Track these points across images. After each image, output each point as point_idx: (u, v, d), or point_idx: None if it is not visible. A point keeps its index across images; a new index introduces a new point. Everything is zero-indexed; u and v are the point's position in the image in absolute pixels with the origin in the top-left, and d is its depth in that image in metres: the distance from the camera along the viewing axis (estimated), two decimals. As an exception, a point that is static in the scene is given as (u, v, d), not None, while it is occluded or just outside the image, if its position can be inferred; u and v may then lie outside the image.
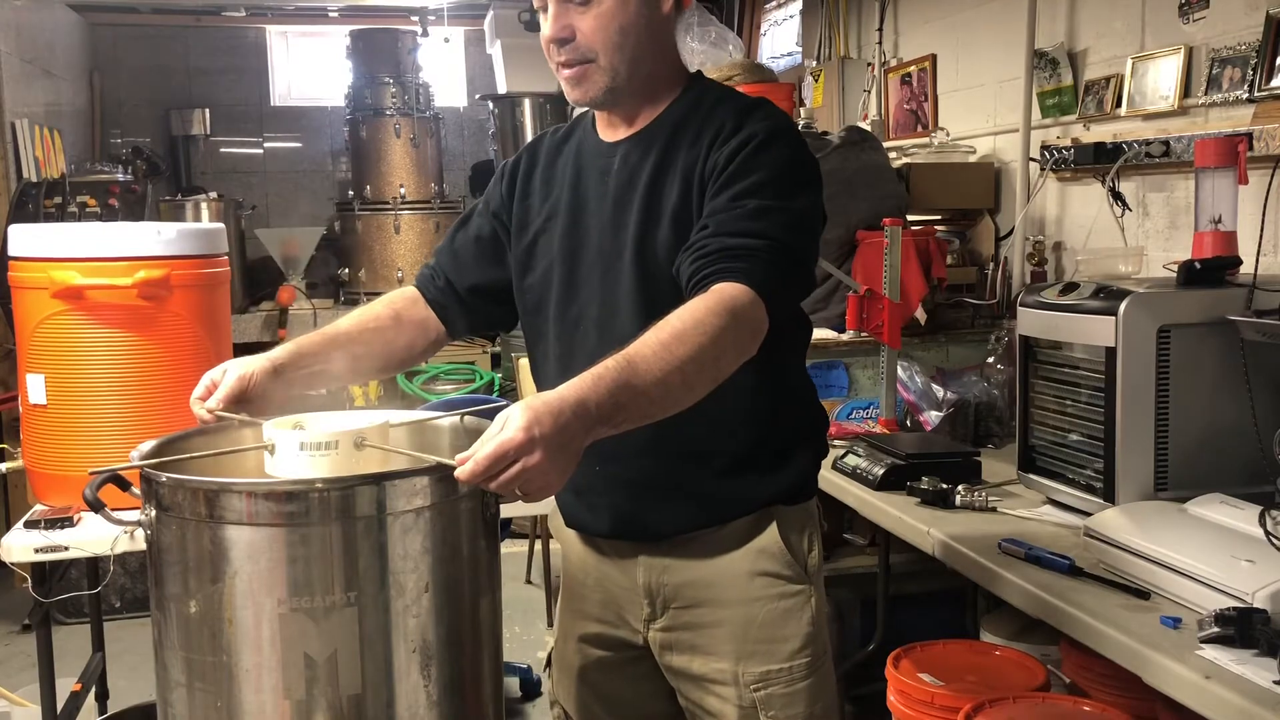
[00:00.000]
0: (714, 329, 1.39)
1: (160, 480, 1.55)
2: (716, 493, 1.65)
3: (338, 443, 1.63)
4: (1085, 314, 2.07)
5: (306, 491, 1.52)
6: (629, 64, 1.58)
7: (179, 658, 1.56)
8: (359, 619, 1.52)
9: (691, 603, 1.68)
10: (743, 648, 1.66)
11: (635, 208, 1.61)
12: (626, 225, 1.62)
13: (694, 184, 1.57)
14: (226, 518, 1.50)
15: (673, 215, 1.58)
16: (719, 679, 1.67)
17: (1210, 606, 1.58)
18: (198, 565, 1.53)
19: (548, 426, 1.29)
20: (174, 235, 2.61)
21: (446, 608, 1.62)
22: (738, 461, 1.65)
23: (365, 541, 1.53)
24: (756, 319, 1.46)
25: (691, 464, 1.64)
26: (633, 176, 1.63)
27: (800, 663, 1.67)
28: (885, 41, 4.32)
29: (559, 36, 1.57)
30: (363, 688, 1.53)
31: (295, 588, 1.50)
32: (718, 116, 1.60)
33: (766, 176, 1.52)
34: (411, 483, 1.57)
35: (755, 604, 1.66)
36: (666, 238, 1.58)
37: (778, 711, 1.66)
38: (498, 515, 1.76)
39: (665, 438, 1.52)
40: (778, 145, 1.55)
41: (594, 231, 1.65)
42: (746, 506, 1.66)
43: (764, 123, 1.57)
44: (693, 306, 1.41)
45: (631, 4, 1.56)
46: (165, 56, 6.84)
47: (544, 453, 1.29)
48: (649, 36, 1.59)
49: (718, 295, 1.43)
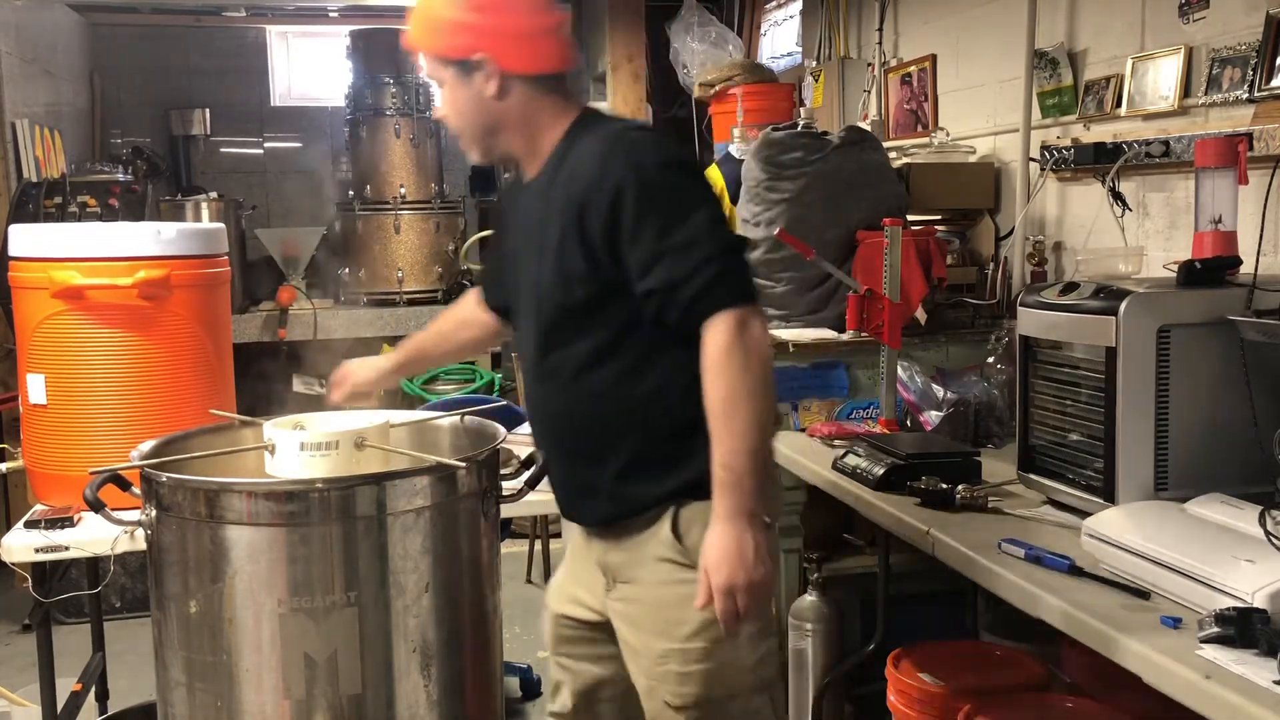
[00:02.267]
0: (735, 372, 1.71)
1: (160, 480, 1.55)
2: (616, 492, 1.88)
3: (338, 443, 1.64)
4: (1085, 314, 2.07)
5: (306, 491, 1.52)
6: (472, 139, 1.93)
7: (179, 657, 1.56)
8: (359, 619, 1.52)
9: (626, 579, 1.92)
10: (652, 625, 1.88)
11: (532, 246, 1.90)
12: (530, 263, 1.92)
13: (570, 233, 1.81)
14: (226, 518, 1.50)
15: (555, 255, 1.84)
16: (638, 649, 1.91)
17: (1210, 606, 1.58)
18: (198, 565, 1.53)
19: (729, 560, 1.71)
20: (174, 235, 2.61)
21: (446, 608, 1.62)
22: (630, 465, 1.86)
23: (365, 541, 1.53)
24: (750, 325, 1.73)
25: (592, 469, 1.88)
26: (531, 216, 1.92)
27: (695, 646, 1.84)
28: (885, 41, 4.32)
29: (437, 117, 1.95)
30: (363, 688, 1.54)
31: (295, 588, 1.50)
32: (588, 166, 1.81)
33: (666, 214, 1.75)
34: (411, 483, 1.57)
35: (662, 586, 1.86)
36: (550, 279, 1.85)
37: (672, 688, 1.86)
38: (498, 515, 1.76)
39: (567, 448, 1.87)
40: (650, 178, 1.77)
41: (520, 263, 1.97)
42: (647, 502, 1.86)
43: (626, 166, 1.78)
44: (712, 369, 1.72)
45: (459, 91, 1.89)
46: (165, 56, 6.83)
47: (740, 571, 1.70)
48: (481, 117, 1.90)
49: (713, 342, 1.72)
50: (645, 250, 1.75)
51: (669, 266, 1.73)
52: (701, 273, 1.72)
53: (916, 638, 2.56)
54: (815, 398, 3.04)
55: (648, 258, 1.74)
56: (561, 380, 1.88)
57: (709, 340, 1.73)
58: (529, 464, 1.83)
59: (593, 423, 1.85)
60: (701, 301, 1.72)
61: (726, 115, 4.43)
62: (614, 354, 1.84)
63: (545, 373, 1.90)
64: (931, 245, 3.12)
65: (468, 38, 1.87)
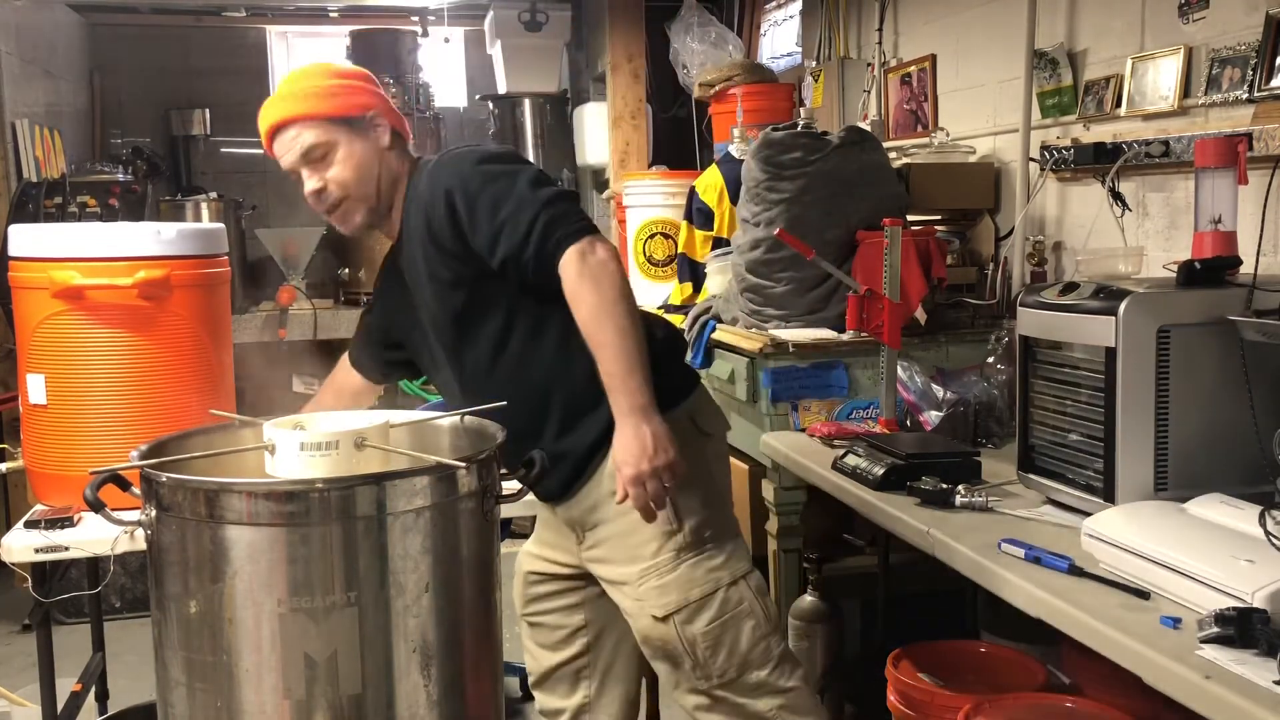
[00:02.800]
0: (592, 291, 1.92)
1: (160, 480, 1.55)
2: (563, 450, 2.07)
3: (338, 443, 1.64)
4: (1085, 314, 2.07)
5: (306, 491, 1.52)
6: (374, 191, 2.11)
7: (179, 657, 1.56)
8: (359, 619, 1.52)
9: (594, 525, 2.15)
10: (624, 553, 2.10)
11: (416, 287, 2.14)
12: (417, 301, 2.16)
13: (429, 250, 2.06)
14: (226, 518, 1.50)
15: (428, 279, 2.09)
16: (620, 579, 2.13)
17: (1210, 606, 1.58)
18: (198, 565, 1.53)
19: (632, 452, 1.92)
20: (174, 235, 2.61)
21: (446, 608, 1.62)
22: (561, 428, 2.09)
23: (365, 541, 1.53)
24: (593, 250, 1.94)
25: (538, 439, 2.07)
26: (406, 267, 2.16)
27: (664, 559, 2.08)
28: (885, 42, 4.32)
29: (316, 191, 2.08)
30: (363, 688, 1.54)
31: (295, 588, 1.50)
32: (424, 191, 2.07)
33: (491, 194, 1.98)
34: (411, 483, 1.57)
35: (621, 517, 2.07)
36: (433, 298, 2.10)
37: (655, 600, 2.07)
38: (498, 515, 1.76)
39: (513, 429, 1.94)
40: (468, 174, 2.02)
41: (412, 311, 2.20)
42: (591, 449, 2.08)
43: (448, 174, 2.04)
44: (573, 298, 1.94)
45: (356, 147, 2.08)
46: (165, 56, 6.83)
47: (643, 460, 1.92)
48: (378, 164, 2.11)
49: (566, 276, 1.94)
50: (486, 231, 1.97)
51: (509, 234, 1.96)
52: (535, 226, 1.94)
53: (916, 638, 2.56)
54: (815, 398, 3.05)
55: (490, 236, 1.97)
56: (482, 378, 2.10)
57: (564, 278, 1.94)
58: (529, 464, 1.83)
59: (520, 399, 2.03)
60: (545, 248, 1.94)
61: (726, 115, 4.43)
62: (510, 333, 2.07)
63: (467, 381, 2.12)
64: (931, 245, 3.12)
65: (360, 96, 2.11)
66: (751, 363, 3.11)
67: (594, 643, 2.35)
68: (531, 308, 2.05)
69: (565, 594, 2.34)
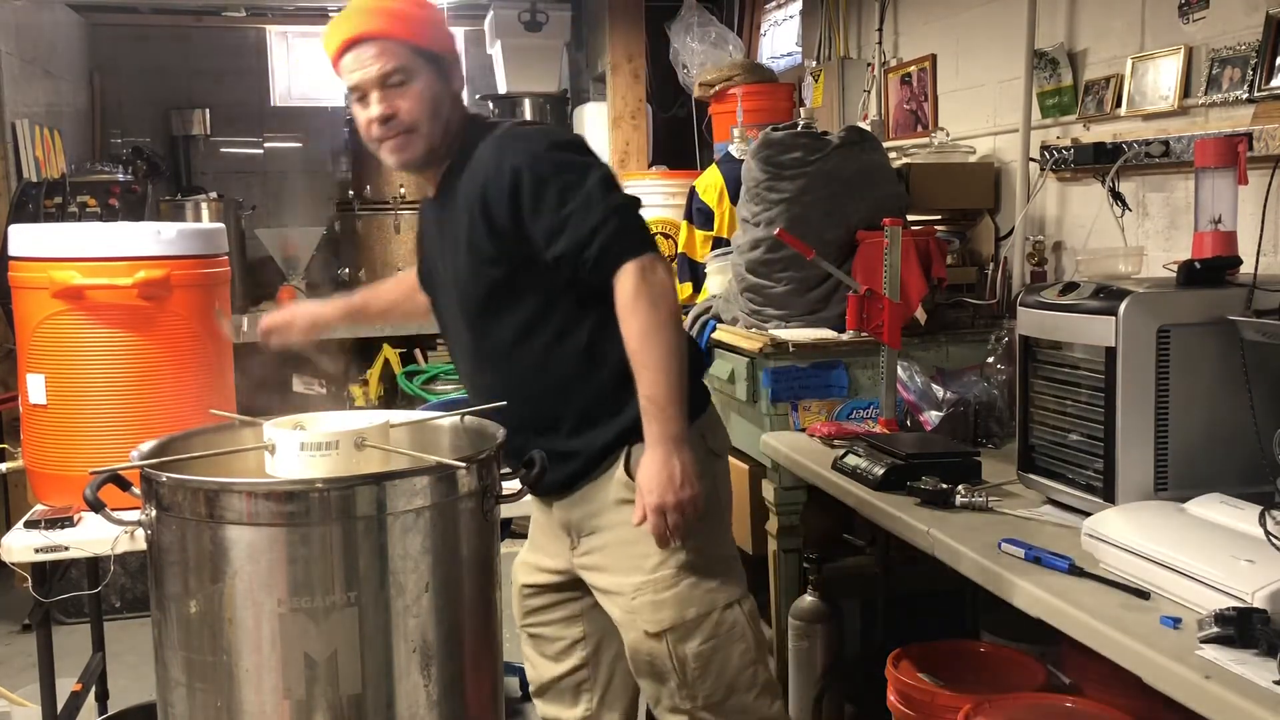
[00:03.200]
0: (645, 312, 1.89)
1: (160, 480, 1.55)
2: (570, 451, 2.03)
3: (338, 443, 1.64)
4: (1085, 314, 2.07)
5: (306, 491, 1.52)
6: (441, 128, 2.02)
7: (179, 658, 1.56)
8: (359, 619, 1.52)
9: (591, 530, 2.10)
10: (622, 563, 2.06)
11: (449, 248, 2.07)
12: (449, 263, 2.09)
13: (476, 221, 1.98)
14: (226, 518, 1.50)
15: (466, 249, 2.01)
16: (613, 590, 2.08)
17: (1210, 606, 1.58)
18: (198, 565, 1.53)
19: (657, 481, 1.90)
20: (174, 235, 2.61)
21: (446, 608, 1.62)
22: (577, 424, 2.03)
23: (365, 541, 1.53)
24: (655, 269, 1.91)
25: (548, 433, 2.02)
26: (443, 224, 2.09)
27: (663, 574, 2.03)
28: (885, 41, 4.32)
29: (385, 115, 1.98)
30: (363, 688, 1.54)
31: (295, 588, 1.50)
32: (485, 160, 1.99)
33: (560, 186, 1.92)
34: (411, 483, 1.57)
35: (623, 527, 2.02)
36: (467, 268, 2.03)
37: (649, 615, 2.03)
38: (498, 515, 1.76)
39: (522, 418, 1.97)
40: (542, 158, 1.95)
41: (440, 268, 2.15)
42: (595, 454, 2.04)
43: (520, 152, 1.96)
44: (624, 313, 1.90)
45: (436, 83, 2.00)
46: (165, 56, 6.83)
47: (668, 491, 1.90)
48: (450, 107, 2.03)
49: (622, 289, 1.90)
50: (548, 221, 1.91)
51: (572, 230, 1.90)
52: (602, 230, 1.89)
53: (916, 638, 2.56)
54: (815, 398, 3.05)
55: (551, 227, 1.91)
56: (498, 360, 2.04)
57: (619, 288, 1.90)
58: (529, 464, 1.83)
59: (536, 392, 2.01)
60: (607, 255, 1.90)
61: (726, 115, 4.43)
62: (541, 323, 2.00)
63: (482, 357, 2.07)
64: (931, 245, 3.12)
65: (447, 37, 2.05)
66: (751, 363, 3.11)
67: (593, 655, 2.30)
68: (569, 305, 2.01)
69: (562, 605, 2.29)
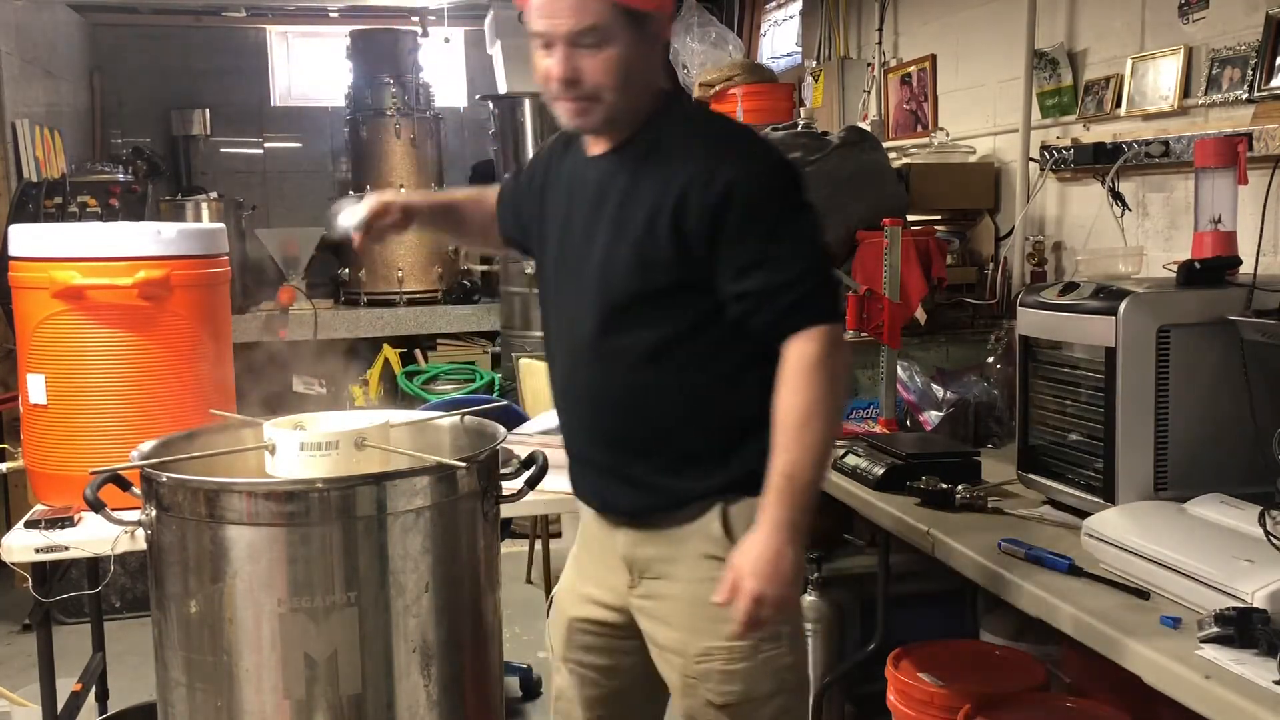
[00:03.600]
0: (820, 387, 1.67)
1: (160, 480, 1.55)
2: (662, 484, 1.81)
3: (338, 443, 1.64)
4: (1085, 314, 2.07)
5: (306, 491, 1.52)
6: (629, 98, 1.73)
7: (179, 658, 1.56)
8: (359, 619, 1.52)
9: (657, 575, 1.85)
10: (691, 623, 1.81)
11: (604, 226, 1.79)
12: (595, 238, 1.80)
13: (662, 218, 1.72)
14: (226, 518, 1.50)
15: (635, 240, 1.75)
16: (672, 648, 1.84)
17: (1210, 606, 1.58)
18: (198, 565, 1.53)
19: (768, 569, 1.66)
20: (174, 235, 2.61)
21: (446, 608, 1.62)
22: (680, 457, 1.81)
23: (365, 541, 1.53)
24: (838, 342, 1.71)
25: (639, 460, 1.81)
26: (604, 192, 1.80)
27: (741, 644, 1.78)
28: (885, 42, 4.32)
29: (566, 77, 1.70)
30: (363, 688, 1.54)
31: (295, 588, 1.50)
32: (691, 155, 1.73)
33: (774, 221, 1.71)
34: (411, 483, 1.57)
35: (703, 584, 1.77)
36: (627, 259, 1.76)
37: (714, 686, 1.80)
38: (498, 515, 1.76)
39: (615, 438, 1.81)
40: (763, 183, 1.74)
41: (574, 238, 1.85)
42: (691, 495, 1.80)
43: (739, 166, 1.72)
44: (795, 378, 1.68)
45: (635, 47, 1.70)
46: (165, 56, 6.84)
47: (776, 582, 1.66)
48: (644, 72, 1.75)
49: (803, 353, 1.68)
50: (747, 252, 1.70)
51: (770, 272, 1.69)
52: (802, 283, 1.69)
53: (916, 638, 2.56)
54: (815, 398, 3.04)
55: (749, 260, 1.70)
56: (623, 365, 1.79)
57: (798, 350, 1.68)
58: (529, 464, 1.83)
59: (651, 411, 1.79)
60: (799, 311, 1.69)
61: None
62: (683, 344, 1.77)
63: (602, 355, 1.80)
64: (931, 245, 3.12)
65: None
66: (751, 363, 3.10)
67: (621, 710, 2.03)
68: (722, 332, 1.76)
69: (614, 651, 1.97)
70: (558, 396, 1.92)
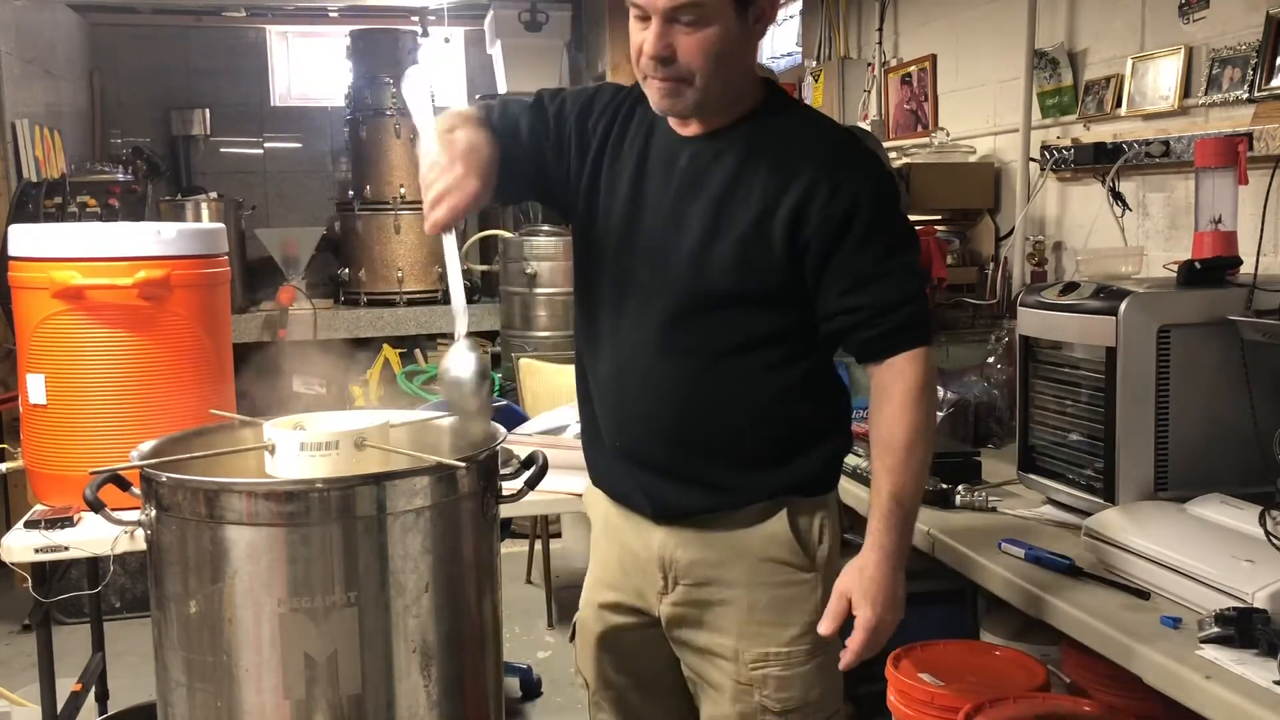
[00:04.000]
0: (925, 410, 1.64)
1: (160, 480, 1.55)
2: (727, 482, 1.72)
3: (338, 443, 1.63)
4: (1085, 314, 2.07)
5: (306, 491, 1.52)
6: (721, 84, 1.62)
7: (179, 658, 1.56)
8: (359, 619, 1.52)
9: (701, 580, 1.75)
10: (746, 627, 1.73)
11: (698, 214, 1.67)
12: (686, 228, 1.67)
13: (774, 220, 1.63)
14: (226, 518, 1.50)
15: (739, 237, 1.64)
16: (721, 653, 1.75)
17: (1210, 606, 1.58)
18: (198, 565, 1.53)
19: (882, 596, 1.62)
20: (174, 235, 2.60)
21: (446, 608, 1.62)
22: (749, 456, 1.72)
23: (365, 541, 1.53)
24: (935, 365, 1.68)
25: (703, 457, 1.72)
26: (698, 179, 1.68)
27: (799, 649, 1.73)
28: (885, 41, 4.32)
29: (659, 54, 1.59)
30: (363, 688, 1.53)
31: (295, 588, 1.50)
32: (810, 157, 1.64)
33: (892, 236, 1.65)
34: (411, 483, 1.57)
35: (761, 587, 1.73)
36: (726, 255, 1.65)
37: (772, 692, 1.74)
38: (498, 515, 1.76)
39: (681, 434, 1.70)
40: (886, 195, 1.67)
41: (650, 218, 1.71)
42: (757, 494, 1.73)
43: (864, 176, 1.65)
44: (902, 399, 1.63)
45: (734, 30, 1.59)
46: (165, 56, 6.84)
47: (891, 610, 1.63)
48: (740, 59, 1.64)
49: (909, 376, 1.64)
50: (863, 266, 1.63)
51: (885, 289, 1.63)
52: (911, 303, 1.65)
53: (916, 638, 2.55)
54: (815, 398, 3.04)
55: (864, 274, 1.63)
56: (699, 360, 1.69)
57: (904, 371, 1.63)
58: (529, 464, 1.83)
59: (725, 410, 1.70)
60: (906, 331, 1.64)
61: (726, 115, 4.43)
62: (768, 347, 1.70)
63: (675, 348, 1.69)
64: (931, 245, 3.12)
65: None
66: (751, 363, 3.10)
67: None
68: (810, 342, 1.71)
69: (647, 668, 1.89)
70: (601, 385, 1.79)
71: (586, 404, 1.85)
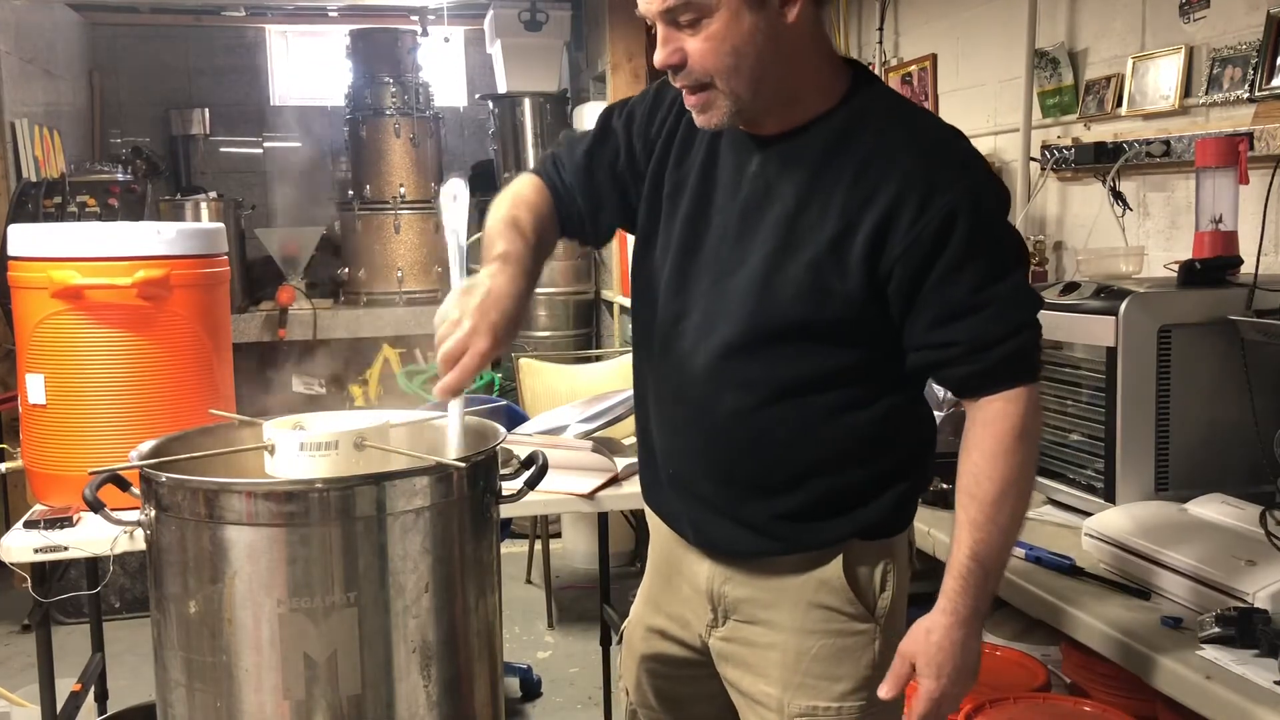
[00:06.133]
0: (1022, 459, 1.44)
1: (160, 480, 1.55)
2: (778, 531, 1.56)
3: (338, 443, 1.63)
4: (1085, 314, 2.07)
5: (306, 491, 1.52)
6: (751, 84, 1.43)
7: (179, 658, 1.56)
8: (359, 619, 1.52)
9: (749, 619, 1.61)
10: (792, 677, 1.58)
11: (768, 228, 1.49)
12: (753, 243, 1.50)
13: (853, 240, 1.43)
14: (226, 518, 1.50)
15: (812, 261, 1.45)
16: (764, 702, 1.61)
17: (1211, 607, 1.58)
18: (197, 565, 1.53)
19: (950, 666, 1.45)
20: (174, 235, 2.60)
21: (446, 608, 1.62)
22: (806, 505, 1.55)
23: (365, 541, 1.53)
24: (1039, 405, 1.47)
25: (754, 500, 1.56)
26: (770, 189, 1.50)
27: (851, 705, 1.57)
28: (885, 41, 4.32)
29: (668, 63, 1.44)
30: (363, 688, 1.53)
31: (295, 588, 1.49)
32: (896, 164, 1.43)
33: (995, 259, 1.43)
34: (411, 483, 1.57)
35: (811, 635, 1.57)
36: (799, 277, 1.46)
37: None
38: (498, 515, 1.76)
39: (731, 472, 1.55)
40: (988, 209, 1.44)
41: (715, 228, 1.54)
42: (812, 544, 1.56)
43: (961, 187, 1.41)
44: (996, 445, 1.43)
45: (745, 21, 1.39)
46: (165, 56, 6.84)
47: (959, 682, 1.46)
48: (771, 51, 1.42)
49: (1010, 419, 1.43)
50: (959, 294, 1.41)
51: (985, 321, 1.42)
52: (1015, 337, 1.43)
53: (916, 638, 2.55)
54: (815, 398, 3.04)
55: (960, 304, 1.42)
56: (758, 396, 1.51)
57: (1001, 413, 1.43)
58: (529, 464, 1.83)
59: (784, 453, 1.52)
60: (1007, 368, 1.43)
61: (726, 115, 4.42)
62: (840, 384, 1.50)
63: (731, 380, 1.52)
64: (931, 245, 3.12)
65: None
66: (751, 362, 3.09)
67: None
68: (891, 378, 1.52)
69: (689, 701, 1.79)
70: (653, 406, 1.65)
71: (642, 417, 1.70)
